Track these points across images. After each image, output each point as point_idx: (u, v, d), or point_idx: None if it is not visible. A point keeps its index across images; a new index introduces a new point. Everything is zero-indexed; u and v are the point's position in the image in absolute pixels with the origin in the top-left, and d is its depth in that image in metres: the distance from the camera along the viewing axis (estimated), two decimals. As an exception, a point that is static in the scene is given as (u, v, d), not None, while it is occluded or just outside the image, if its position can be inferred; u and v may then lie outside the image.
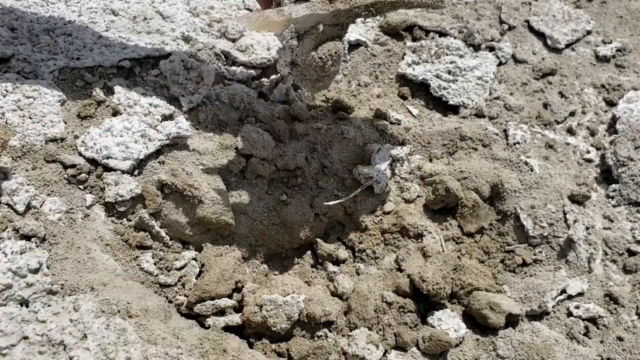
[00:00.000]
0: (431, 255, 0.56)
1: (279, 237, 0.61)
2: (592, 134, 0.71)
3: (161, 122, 0.61)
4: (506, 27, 0.80)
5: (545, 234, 0.60)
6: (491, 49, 0.77)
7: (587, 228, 0.60)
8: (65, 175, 0.56)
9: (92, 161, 0.58)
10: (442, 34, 0.78)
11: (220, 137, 0.63)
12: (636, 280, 0.59)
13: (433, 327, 0.53)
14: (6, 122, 0.57)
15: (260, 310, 0.49)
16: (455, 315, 0.54)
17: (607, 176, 0.67)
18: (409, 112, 0.70)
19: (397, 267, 0.57)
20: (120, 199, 0.55)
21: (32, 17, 0.67)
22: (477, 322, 0.55)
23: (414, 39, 0.78)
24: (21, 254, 0.47)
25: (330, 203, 0.57)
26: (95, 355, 0.42)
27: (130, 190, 0.56)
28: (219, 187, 0.59)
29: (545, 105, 0.73)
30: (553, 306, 0.57)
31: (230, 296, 0.53)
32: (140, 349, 0.43)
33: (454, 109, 0.71)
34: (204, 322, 0.52)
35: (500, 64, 0.76)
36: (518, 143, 0.68)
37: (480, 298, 0.54)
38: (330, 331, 0.51)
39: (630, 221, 0.63)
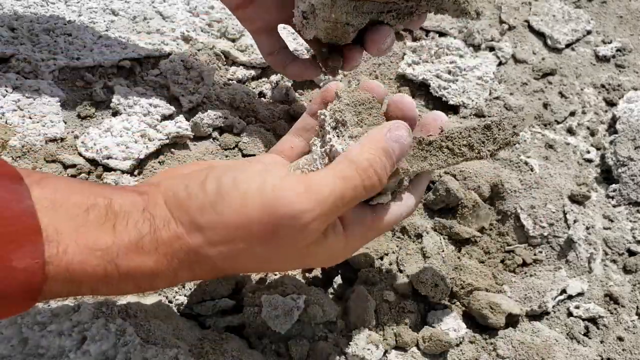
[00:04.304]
0: (431, 256, 0.56)
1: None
2: (592, 134, 0.71)
3: (161, 122, 0.61)
4: (506, 27, 0.80)
5: (545, 234, 0.60)
6: (491, 49, 0.77)
7: (587, 228, 0.60)
8: (65, 175, 0.56)
9: (92, 161, 0.58)
10: (442, 34, 0.78)
11: (221, 137, 0.63)
12: (636, 280, 0.59)
13: (433, 327, 0.53)
14: (6, 122, 0.57)
15: (260, 310, 0.49)
16: (455, 315, 0.54)
17: (607, 176, 0.67)
18: (409, 112, 0.70)
19: (397, 267, 0.57)
20: (120, 199, 0.55)
21: (32, 17, 0.67)
22: (477, 322, 0.55)
23: (414, 39, 0.78)
24: (21, 254, 0.47)
25: None
26: (94, 356, 0.42)
27: (130, 190, 0.56)
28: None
29: (545, 105, 0.73)
30: (553, 306, 0.57)
31: (230, 296, 0.53)
32: (139, 350, 0.43)
33: (454, 109, 0.71)
34: (204, 322, 0.52)
35: (500, 64, 0.76)
36: (518, 143, 0.68)
37: (480, 298, 0.54)
38: (330, 331, 0.51)
39: (630, 221, 0.63)
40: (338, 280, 0.56)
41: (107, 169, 0.57)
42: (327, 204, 0.36)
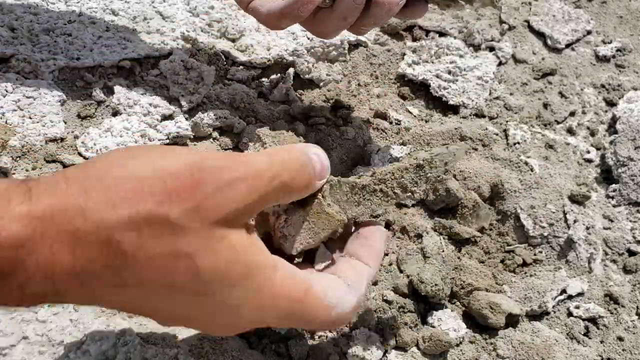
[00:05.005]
0: (430, 256, 0.56)
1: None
2: (592, 134, 0.71)
3: (161, 122, 0.61)
4: (506, 27, 0.80)
5: (545, 234, 0.60)
6: (491, 49, 0.77)
7: (587, 228, 0.60)
8: (65, 175, 0.56)
9: (92, 161, 0.58)
10: (442, 34, 0.78)
11: (221, 137, 0.63)
12: (636, 280, 0.59)
13: (433, 327, 0.53)
14: (6, 122, 0.57)
15: (260, 311, 0.49)
16: (455, 315, 0.54)
17: (607, 176, 0.67)
18: (409, 112, 0.70)
19: (397, 267, 0.57)
20: (120, 199, 0.55)
21: (32, 17, 0.67)
22: (477, 322, 0.55)
23: (414, 39, 0.78)
24: (21, 254, 0.47)
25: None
26: (94, 356, 0.42)
27: (130, 190, 0.56)
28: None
29: (545, 105, 0.73)
30: (553, 306, 0.57)
31: (230, 296, 0.53)
32: (139, 350, 0.43)
33: (454, 109, 0.71)
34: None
35: (500, 64, 0.76)
36: (518, 143, 0.68)
37: (480, 298, 0.54)
38: (330, 331, 0.51)
39: (630, 221, 0.63)
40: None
41: (107, 169, 0.57)
42: (252, 169, 0.33)
